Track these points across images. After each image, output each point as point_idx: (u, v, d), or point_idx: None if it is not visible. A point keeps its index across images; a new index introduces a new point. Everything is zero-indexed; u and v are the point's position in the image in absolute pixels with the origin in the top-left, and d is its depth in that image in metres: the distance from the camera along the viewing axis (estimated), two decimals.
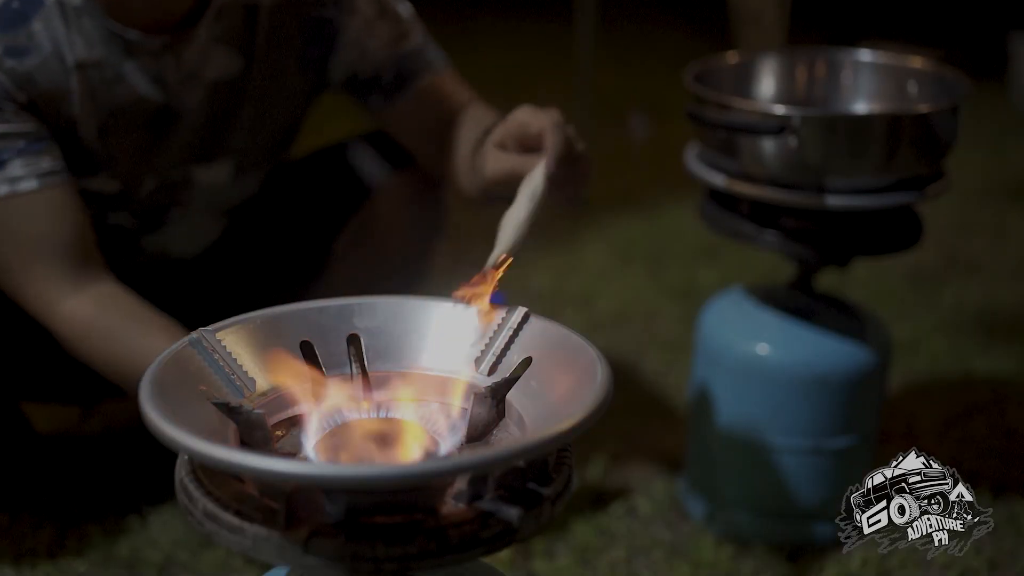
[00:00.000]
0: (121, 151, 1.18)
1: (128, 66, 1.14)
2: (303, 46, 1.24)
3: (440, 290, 0.84)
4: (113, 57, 1.13)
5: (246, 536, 0.62)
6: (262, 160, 1.31)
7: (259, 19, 1.20)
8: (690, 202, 1.80)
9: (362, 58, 1.25)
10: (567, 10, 2.53)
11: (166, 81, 1.16)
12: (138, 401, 0.65)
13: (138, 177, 1.22)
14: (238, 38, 1.19)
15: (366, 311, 0.80)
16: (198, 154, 1.24)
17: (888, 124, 1.18)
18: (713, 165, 1.25)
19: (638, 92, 3.39)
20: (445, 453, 0.69)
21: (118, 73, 1.14)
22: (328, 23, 1.23)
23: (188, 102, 1.19)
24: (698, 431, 1.36)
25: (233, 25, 1.18)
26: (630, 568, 1.27)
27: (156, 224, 1.29)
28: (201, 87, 1.19)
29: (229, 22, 1.18)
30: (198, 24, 1.15)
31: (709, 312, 1.35)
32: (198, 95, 1.19)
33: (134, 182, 1.22)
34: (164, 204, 1.26)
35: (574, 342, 0.73)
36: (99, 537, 1.29)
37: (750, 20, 2.82)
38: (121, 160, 1.19)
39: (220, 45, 1.18)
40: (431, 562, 0.62)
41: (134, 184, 1.22)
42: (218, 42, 1.18)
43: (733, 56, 1.42)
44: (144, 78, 1.15)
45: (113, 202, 1.23)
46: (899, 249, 1.26)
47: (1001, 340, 1.85)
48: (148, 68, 1.14)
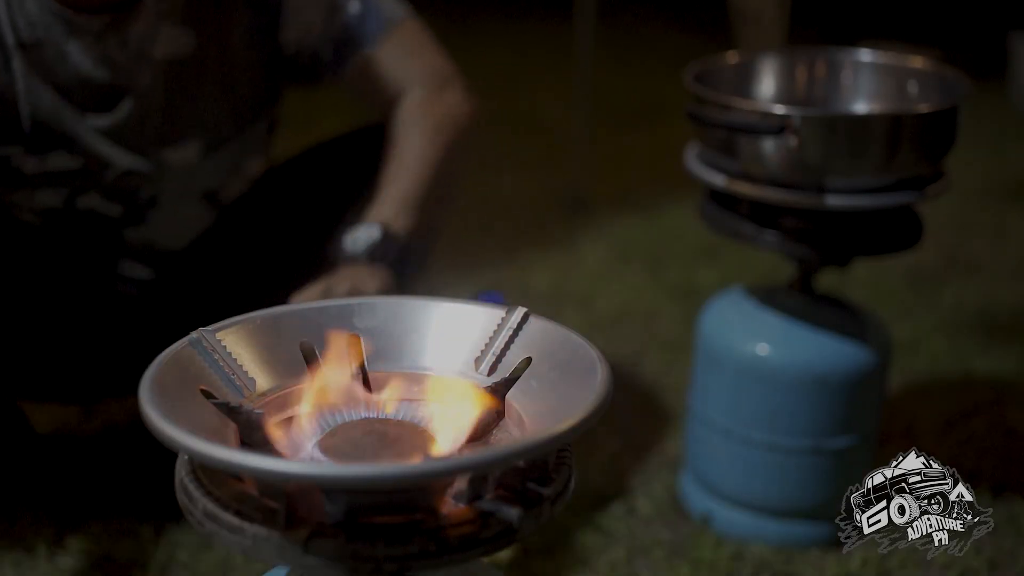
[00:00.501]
0: (78, 129, 1.18)
1: (71, 46, 1.13)
2: (250, 19, 1.22)
3: (440, 290, 0.84)
4: (55, 37, 1.12)
5: (246, 536, 0.62)
6: (232, 137, 1.29)
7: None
8: (690, 202, 1.80)
9: (306, 33, 1.24)
10: (567, 10, 2.53)
11: (112, 60, 1.15)
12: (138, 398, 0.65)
13: (102, 156, 1.21)
14: (185, 13, 1.18)
15: (366, 311, 0.80)
16: (164, 136, 1.23)
17: (888, 124, 1.18)
18: (713, 165, 1.25)
19: (638, 92, 3.39)
20: (445, 453, 0.69)
21: (61, 52, 1.13)
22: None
23: (140, 81, 1.18)
24: (698, 431, 1.36)
25: (178, 1, 1.17)
26: (630, 568, 1.27)
27: (138, 216, 1.28)
28: (151, 66, 1.18)
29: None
30: (142, 1, 1.14)
31: (709, 312, 1.35)
32: (149, 74, 1.18)
33: (98, 161, 1.21)
34: (136, 187, 1.25)
35: (574, 342, 0.73)
36: (99, 537, 1.29)
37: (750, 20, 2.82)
38: (80, 138, 1.18)
39: (167, 22, 1.17)
40: (431, 562, 0.62)
41: (99, 164, 1.21)
42: (165, 19, 1.16)
43: (733, 56, 1.42)
44: (88, 58, 1.14)
45: (79, 181, 1.22)
46: (899, 249, 1.26)
47: (1001, 340, 1.85)
48: (91, 48, 1.14)
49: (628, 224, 2.36)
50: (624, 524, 1.34)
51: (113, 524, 1.31)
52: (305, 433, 0.71)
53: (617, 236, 2.30)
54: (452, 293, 0.83)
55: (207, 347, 0.73)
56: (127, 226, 1.30)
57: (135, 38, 1.15)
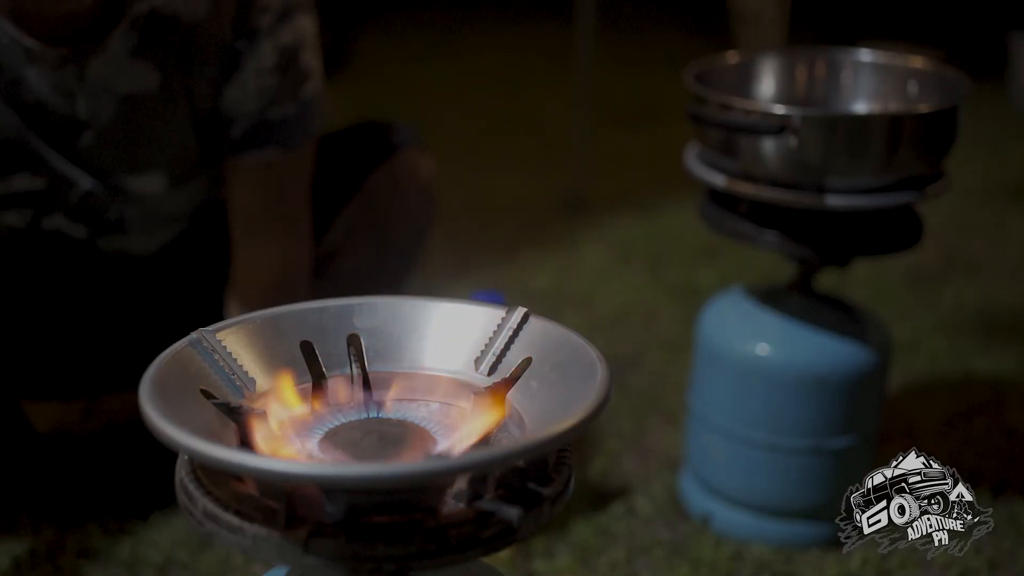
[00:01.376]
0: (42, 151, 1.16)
1: (29, 72, 1.11)
2: (215, 71, 1.18)
3: (440, 290, 0.84)
4: (12, 61, 1.10)
5: (246, 536, 0.62)
6: (198, 173, 1.26)
7: (179, 34, 1.15)
8: (690, 202, 1.80)
9: (240, 101, 1.19)
10: (567, 10, 2.53)
11: (70, 91, 1.13)
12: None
13: (66, 176, 1.19)
14: (155, 52, 1.14)
15: (366, 311, 0.80)
16: (126, 165, 1.20)
17: (888, 124, 1.18)
18: (713, 165, 1.25)
19: (638, 92, 3.39)
20: (445, 453, 0.69)
21: (19, 78, 1.11)
22: (238, 54, 1.17)
23: (100, 114, 1.15)
24: (698, 431, 1.36)
25: (150, 39, 1.13)
26: (630, 568, 1.27)
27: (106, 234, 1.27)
28: (114, 101, 1.15)
29: (146, 35, 1.13)
30: (108, 36, 1.11)
31: (709, 312, 1.35)
32: (110, 108, 1.15)
33: (62, 182, 1.19)
34: (102, 209, 1.23)
35: (574, 342, 0.73)
36: (99, 537, 1.29)
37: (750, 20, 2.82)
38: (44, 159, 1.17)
39: (136, 59, 1.14)
40: (431, 562, 0.62)
41: (63, 184, 1.19)
42: (134, 56, 1.13)
43: (733, 56, 1.42)
44: (45, 86, 1.12)
45: (43, 202, 1.20)
46: (899, 249, 1.26)
47: (1001, 340, 1.85)
48: (49, 77, 1.11)
49: (628, 224, 2.36)
50: (624, 524, 1.34)
51: (113, 524, 1.31)
52: (305, 433, 0.71)
53: (617, 236, 2.30)
54: (452, 293, 0.83)
55: (207, 347, 0.73)
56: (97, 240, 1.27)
57: (97, 72, 1.12)
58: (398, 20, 4.45)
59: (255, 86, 1.18)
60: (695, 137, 1.29)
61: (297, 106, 1.21)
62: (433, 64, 3.82)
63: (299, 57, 1.20)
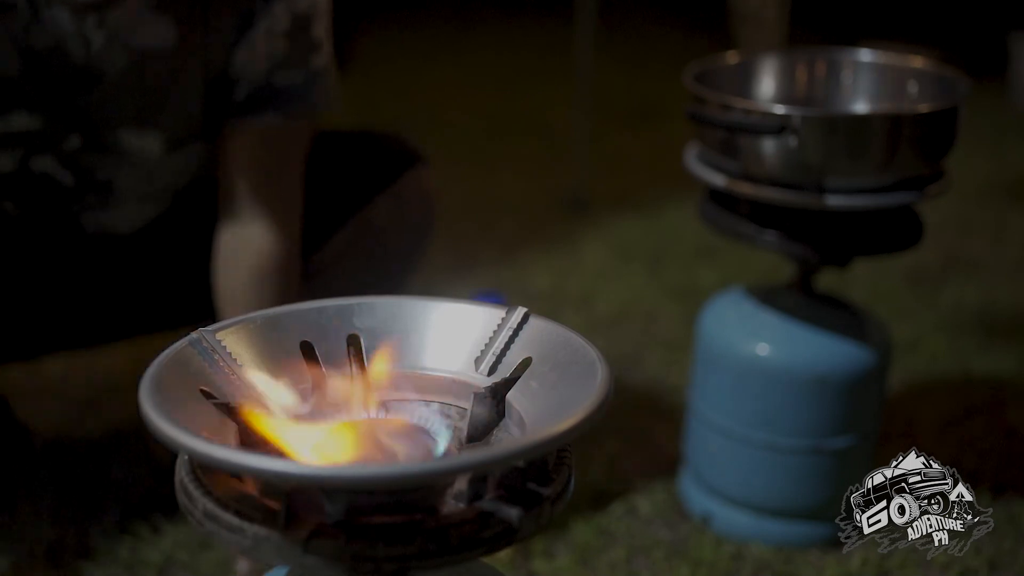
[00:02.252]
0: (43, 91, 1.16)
1: (50, 13, 1.11)
2: (230, 31, 1.19)
3: (440, 290, 0.84)
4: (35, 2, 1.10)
5: (246, 536, 0.62)
6: (197, 136, 1.25)
7: None
8: (690, 202, 1.80)
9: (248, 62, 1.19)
10: (567, 10, 2.53)
11: (87, 39, 1.13)
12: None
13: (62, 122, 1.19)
14: (176, 7, 1.15)
15: (366, 311, 0.80)
16: (127, 118, 1.20)
17: (888, 124, 1.18)
18: (713, 165, 1.25)
19: (638, 92, 3.39)
20: (445, 453, 0.69)
21: (40, 19, 1.11)
22: (252, 14, 1.18)
23: (113, 65, 1.15)
24: (698, 431, 1.36)
25: None
26: (630, 568, 1.27)
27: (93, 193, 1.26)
28: (126, 53, 1.15)
29: None
30: None
31: (709, 312, 1.35)
32: (123, 60, 1.15)
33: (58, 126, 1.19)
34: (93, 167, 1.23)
35: (574, 342, 0.73)
36: (99, 537, 1.29)
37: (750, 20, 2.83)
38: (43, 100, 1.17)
39: (155, 12, 1.14)
40: (431, 562, 0.62)
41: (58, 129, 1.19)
42: (155, 9, 1.14)
43: (733, 56, 1.42)
44: (64, 30, 1.12)
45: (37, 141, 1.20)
46: (899, 249, 1.26)
47: (1001, 340, 1.85)
48: (69, 21, 1.12)
49: (628, 224, 2.36)
50: (624, 524, 1.34)
51: (113, 524, 1.31)
52: (305, 433, 0.71)
53: (617, 236, 2.30)
54: (452, 293, 0.83)
55: (207, 347, 0.73)
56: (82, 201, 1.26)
57: (115, 22, 1.13)
58: (399, 20, 4.45)
59: (265, 48, 1.18)
60: (695, 137, 1.29)
61: (304, 75, 1.20)
62: (434, 64, 3.83)
63: (312, 26, 1.20)
